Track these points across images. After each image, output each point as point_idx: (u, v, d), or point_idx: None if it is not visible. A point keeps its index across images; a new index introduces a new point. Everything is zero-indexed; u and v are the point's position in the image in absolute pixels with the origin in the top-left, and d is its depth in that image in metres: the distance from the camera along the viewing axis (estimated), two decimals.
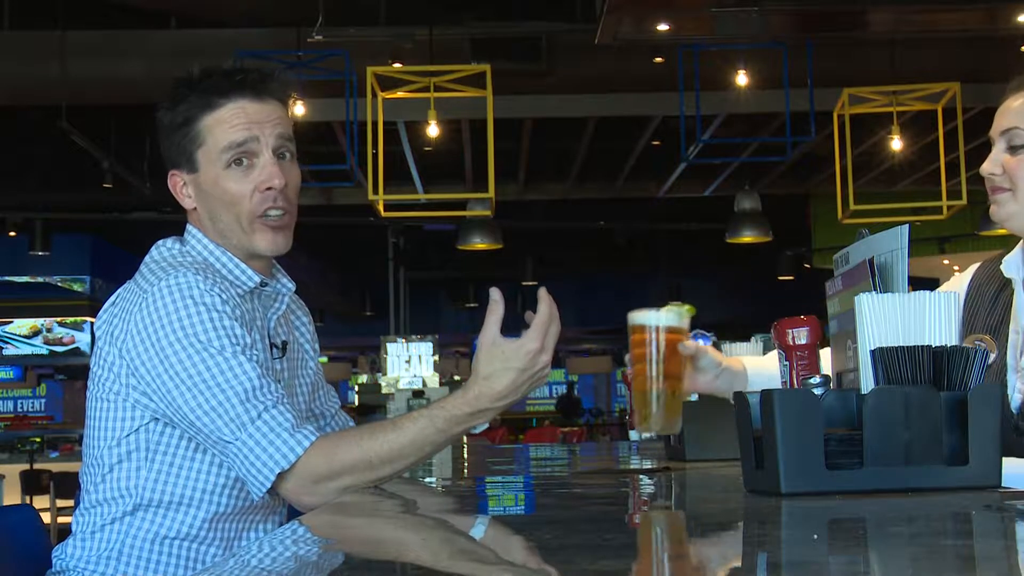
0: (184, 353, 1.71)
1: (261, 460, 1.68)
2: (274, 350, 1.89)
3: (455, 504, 1.81)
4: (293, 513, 1.84)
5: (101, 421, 1.80)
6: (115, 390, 1.78)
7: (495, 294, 1.76)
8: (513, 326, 1.77)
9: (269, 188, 1.84)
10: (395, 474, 1.76)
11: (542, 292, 1.76)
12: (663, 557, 1.09)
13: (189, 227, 1.92)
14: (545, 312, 1.75)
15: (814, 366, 1.76)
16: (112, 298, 1.86)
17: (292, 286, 1.97)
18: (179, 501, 1.78)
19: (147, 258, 1.89)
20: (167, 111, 1.89)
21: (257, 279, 1.88)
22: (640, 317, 1.92)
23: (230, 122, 1.84)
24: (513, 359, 1.73)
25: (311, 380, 2.01)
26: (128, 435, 1.79)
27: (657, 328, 1.90)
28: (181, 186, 1.90)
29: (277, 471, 1.68)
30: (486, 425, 1.80)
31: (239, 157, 1.84)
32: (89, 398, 1.84)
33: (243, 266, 1.87)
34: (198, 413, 1.70)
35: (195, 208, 1.90)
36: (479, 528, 1.42)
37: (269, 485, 1.69)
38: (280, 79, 1.92)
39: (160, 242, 1.92)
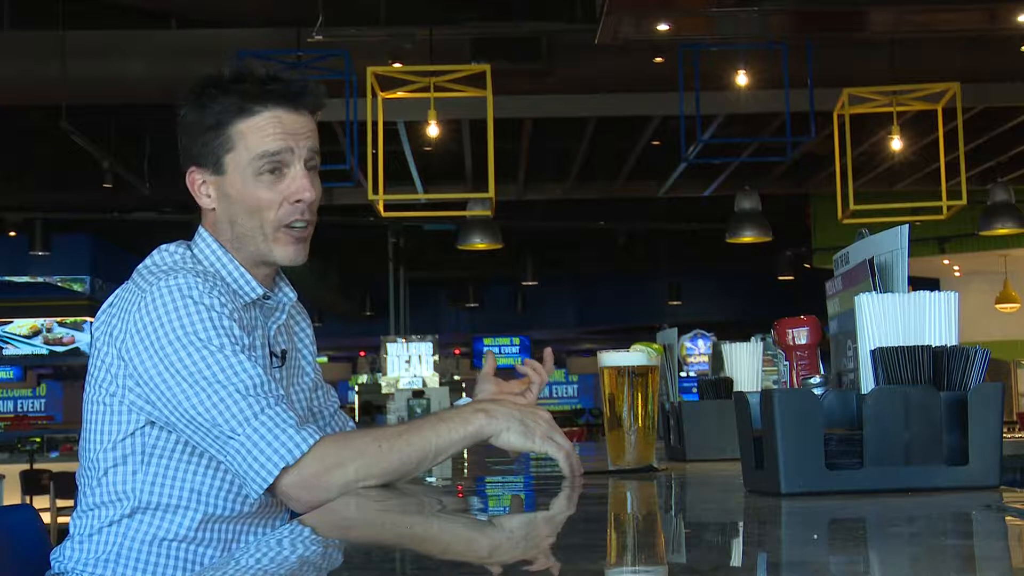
0: (184, 351, 1.71)
1: (265, 455, 1.67)
2: (273, 359, 1.89)
3: (455, 504, 1.80)
4: (293, 517, 1.83)
5: (97, 424, 1.80)
6: (111, 392, 1.78)
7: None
8: (512, 325, 1.79)
9: (299, 200, 1.84)
10: (402, 467, 1.75)
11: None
12: (663, 557, 1.09)
13: (201, 230, 1.90)
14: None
15: (814, 366, 1.76)
16: (109, 299, 1.84)
17: (294, 296, 1.97)
18: (176, 504, 1.78)
19: (148, 261, 1.87)
20: (194, 109, 1.85)
21: (261, 291, 1.88)
22: (609, 359, 2.01)
23: (265, 131, 1.83)
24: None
25: (309, 387, 2.02)
26: (124, 439, 1.78)
27: (626, 369, 1.99)
28: (200, 184, 1.87)
29: (282, 465, 1.67)
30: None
31: (272, 167, 1.83)
32: (86, 400, 1.83)
33: (248, 276, 1.87)
34: (199, 410, 1.69)
35: (213, 208, 1.87)
36: (479, 528, 1.42)
37: (271, 480, 1.68)
38: (314, 91, 1.89)
39: (163, 246, 1.89)
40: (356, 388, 16.74)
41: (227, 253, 1.87)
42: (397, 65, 7.35)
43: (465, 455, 2.89)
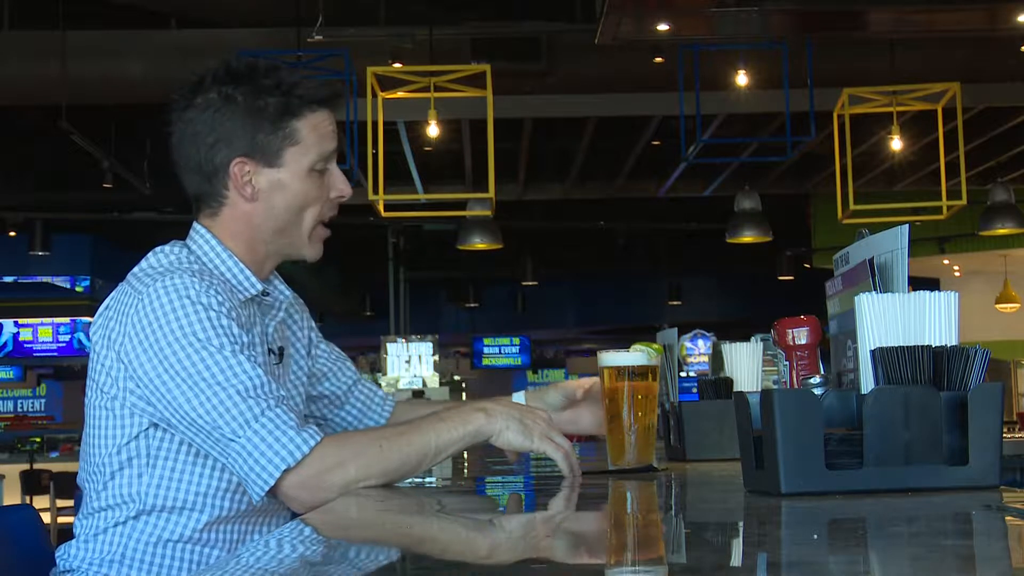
0: (183, 352, 1.70)
1: (266, 457, 1.67)
2: (271, 356, 1.89)
3: (455, 504, 1.81)
4: (294, 515, 1.83)
5: (101, 428, 1.79)
6: (112, 395, 1.77)
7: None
8: (512, 325, 1.80)
9: (339, 197, 1.91)
10: (403, 466, 1.75)
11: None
12: (663, 557, 1.09)
13: (198, 227, 1.89)
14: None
15: (814, 366, 1.76)
16: (105, 303, 1.83)
17: (289, 293, 1.98)
18: (181, 506, 1.78)
19: (143, 263, 1.85)
20: (247, 94, 1.83)
21: (260, 287, 1.88)
22: (609, 359, 2.01)
23: (326, 128, 1.88)
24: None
25: (303, 382, 2.02)
26: (128, 442, 1.77)
27: (626, 369, 1.99)
28: (246, 174, 1.84)
29: (283, 467, 1.67)
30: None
31: (325, 165, 1.88)
32: (88, 405, 1.82)
33: (247, 272, 1.86)
34: (199, 412, 1.69)
35: (252, 201, 1.85)
36: (479, 528, 1.42)
37: (272, 483, 1.67)
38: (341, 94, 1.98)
39: (158, 248, 1.88)
40: None
41: (226, 249, 1.86)
42: (397, 65, 7.35)
43: (465, 455, 2.89)
